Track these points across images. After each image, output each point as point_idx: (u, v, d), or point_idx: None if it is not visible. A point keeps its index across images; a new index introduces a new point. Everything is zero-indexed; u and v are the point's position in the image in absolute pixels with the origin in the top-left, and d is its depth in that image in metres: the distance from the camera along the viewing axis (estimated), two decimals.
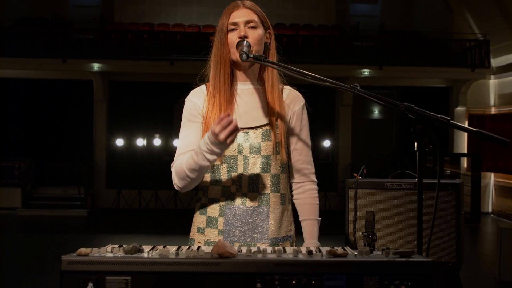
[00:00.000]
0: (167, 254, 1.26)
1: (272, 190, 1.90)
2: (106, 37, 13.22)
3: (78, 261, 1.21)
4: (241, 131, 1.88)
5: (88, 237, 9.82)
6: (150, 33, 13.55)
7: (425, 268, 1.21)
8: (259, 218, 1.88)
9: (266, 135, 1.90)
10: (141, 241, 8.49)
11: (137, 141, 13.64)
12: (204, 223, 1.93)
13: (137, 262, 1.21)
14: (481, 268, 7.26)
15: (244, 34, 1.85)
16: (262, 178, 1.88)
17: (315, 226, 1.98)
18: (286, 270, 1.21)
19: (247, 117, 1.92)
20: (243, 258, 1.23)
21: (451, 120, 1.31)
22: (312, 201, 2.01)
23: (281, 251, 1.29)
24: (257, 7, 1.95)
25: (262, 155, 1.89)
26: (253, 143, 1.89)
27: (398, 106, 1.34)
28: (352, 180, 2.64)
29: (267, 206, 1.89)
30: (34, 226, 11.10)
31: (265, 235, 1.87)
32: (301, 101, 2.01)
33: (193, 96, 2.02)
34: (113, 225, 11.53)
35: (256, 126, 1.91)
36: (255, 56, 1.73)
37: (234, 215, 1.87)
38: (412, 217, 2.63)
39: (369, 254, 1.31)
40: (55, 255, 7.07)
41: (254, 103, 1.95)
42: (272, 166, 1.90)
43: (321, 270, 1.21)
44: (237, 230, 1.87)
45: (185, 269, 1.20)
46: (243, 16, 1.89)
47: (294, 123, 1.98)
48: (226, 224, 1.88)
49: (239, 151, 1.89)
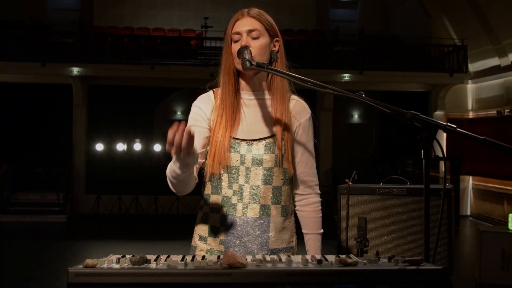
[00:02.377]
0: (175, 264, 1.25)
1: (273, 202, 1.89)
2: (86, 40, 13.08)
3: (86, 273, 1.18)
4: (244, 142, 1.88)
5: (67, 243, 9.69)
6: (130, 37, 13.46)
7: (436, 275, 1.22)
8: (259, 229, 1.87)
9: (269, 148, 1.88)
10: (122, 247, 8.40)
11: (117, 145, 13.52)
12: (206, 232, 1.93)
13: (146, 274, 1.19)
14: (461, 270, 7.35)
15: (245, 44, 1.83)
16: (263, 190, 1.87)
17: (318, 241, 2.01)
18: (297, 279, 1.20)
19: (251, 128, 1.91)
20: (254, 268, 1.22)
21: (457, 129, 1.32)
22: (316, 214, 2.02)
23: (290, 260, 1.29)
24: (262, 15, 1.91)
25: (264, 167, 1.87)
26: (255, 155, 1.88)
27: (404, 114, 1.35)
28: (344, 186, 2.65)
29: (268, 218, 1.88)
30: (12, 232, 10.90)
31: (265, 246, 1.88)
32: (307, 113, 2.00)
33: (200, 102, 1.99)
34: (93, 231, 11.39)
35: (260, 138, 1.90)
36: (258, 63, 1.71)
37: (235, 226, 1.87)
38: (404, 223, 2.65)
39: (378, 262, 1.31)
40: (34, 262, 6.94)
41: (259, 114, 1.93)
42: (274, 178, 1.89)
43: (332, 279, 1.21)
44: (238, 241, 1.87)
45: (195, 280, 1.19)
46: (246, 25, 1.87)
47: (299, 135, 1.97)
48: (227, 234, 1.87)
49: (242, 162, 1.88)
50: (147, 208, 12.81)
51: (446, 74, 13.35)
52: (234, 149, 1.88)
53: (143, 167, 13.76)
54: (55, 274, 7.09)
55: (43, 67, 12.27)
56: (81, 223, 12.17)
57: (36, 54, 12.29)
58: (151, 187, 12.91)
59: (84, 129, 13.28)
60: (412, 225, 2.62)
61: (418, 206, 2.63)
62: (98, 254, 1.92)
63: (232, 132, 1.89)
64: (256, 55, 1.83)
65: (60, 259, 8.09)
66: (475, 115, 13.75)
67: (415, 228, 2.63)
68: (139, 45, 12.99)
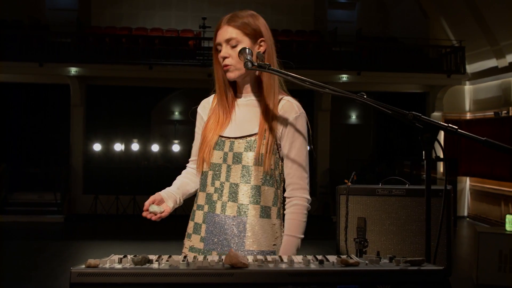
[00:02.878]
0: (177, 264, 1.25)
1: (252, 202, 1.85)
2: (84, 41, 13.07)
3: (88, 273, 1.18)
4: (228, 140, 1.91)
5: (65, 244, 9.67)
6: (128, 37, 13.45)
7: (437, 276, 1.22)
8: (237, 228, 1.85)
9: (249, 146, 1.87)
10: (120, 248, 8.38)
11: (114, 146, 13.51)
12: (192, 229, 1.95)
13: (148, 274, 1.19)
14: (459, 271, 7.36)
15: (223, 56, 1.86)
16: (241, 188, 1.86)
17: (291, 244, 1.86)
18: (299, 280, 1.20)
19: (237, 127, 1.92)
20: (256, 268, 1.23)
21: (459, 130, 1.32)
22: (295, 216, 1.88)
23: (292, 260, 1.29)
24: (239, 20, 1.88)
25: (243, 165, 1.86)
26: (236, 153, 1.88)
27: (406, 115, 1.35)
28: (343, 186, 2.66)
29: (245, 217, 1.85)
30: (9, 233, 10.88)
31: (241, 246, 1.84)
32: (294, 113, 1.90)
33: (200, 108, 2.07)
34: (90, 231, 11.38)
35: (242, 136, 1.89)
36: (260, 64, 1.71)
37: (214, 223, 1.87)
38: (403, 223, 2.66)
39: (379, 263, 1.32)
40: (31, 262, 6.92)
41: (247, 114, 1.94)
42: (253, 177, 1.85)
43: (334, 279, 1.21)
44: (216, 239, 1.87)
45: (198, 280, 1.19)
46: (223, 36, 1.87)
47: (285, 136, 1.90)
48: (207, 231, 1.88)
49: (224, 160, 1.89)
50: None
51: (444, 75, 13.38)
52: (219, 147, 1.90)
53: (141, 167, 13.75)
54: (52, 275, 7.08)
55: (41, 67, 12.26)
56: (78, 224, 12.15)
57: (34, 54, 12.28)
58: (148, 187, 12.84)
59: (81, 129, 13.27)
60: (411, 225, 2.63)
61: (417, 207, 2.64)
62: (96, 255, 1.92)
63: (220, 131, 1.92)
64: (236, 63, 1.84)
65: (58, 259, 8.08)
66: (472, 116, 13.78)
67: (414, 229, 2.64)
68: (137, 45, 12.99)
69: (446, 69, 13.53)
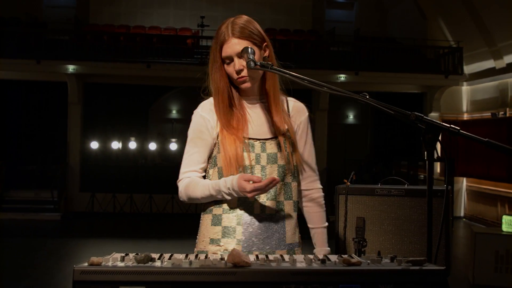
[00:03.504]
0: (180, 263, 1.25)
1: (286, 198, 1.95)
2: (82, 38, 13.04)
3: (91, 271, 1.19)
4: (258, 142, 1.93)
5: (61, 242, 9.67)
6: (126, 35, 13.43)
7: (439, 276, 1.23)
8: (276, 225, 1.91)
9: (280, 146, 1.94)
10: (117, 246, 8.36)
11: (112, 144, 13.48)
12: (220, 234, 1.91)
13: (151, 272, 1.20)
14: (455, 272, 7.38)
15: (238, 68, 1.86)
16: (278, 186, 1.92)
17: (325, 234, 2.09)
18: (302, 279, 1.21)
19: (262, 129, 1.95)
20: (259, 267, 1.23)
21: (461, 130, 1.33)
22: (320, 209, 2.11)
23: (294, 260, 1.29)
24: (245, 31, 1.89)
25: (278, 165, 1.92)
26: (270, 153, 1.93)
27: (408, 116, 1.36)
28: (342, 186, 2.67)
29: (283, 213, 1.93)
30: (5, 231, 10.85)
31: (282, 241, 1.92)
32: (305, 112, 2.09)
33: (203, 111, 1.99)
34: (87, 229, 11.36)
35: (272, 137, 1.95)
36: (262, 63, 1.73)
37: (253, 224, 1.89)
38: (401, 223, 2.67)
39: (381, 262, 1.32)
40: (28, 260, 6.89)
41: (261, 117, 1.98)
42: (287, 175, 1.95)
43: (336, 278, 1.22)
44: (256, 239, 1.88)
45: (200, 279, 1.19)
46: (234, 49, 1.86)
47: (300, 134, 2.05)
48: (244, 233, 1.88)
49: (257, 161, 1.91)
50: (142, 206, 12.79)
51: (442, 76, 13.40)
52: (248, 149, 1.91)
53: (138, 165, 13.74)
54: (49, 272, 7.08)
55: (39, 64, 12.23)
56: (75, 221, 12.13)
57: (32, 52, 12.25)
58: (146, 185, 12.89)
59: (79, 127, 13.24)
60: (409, 225, 2.64)
61: (416, 207, 2.65)
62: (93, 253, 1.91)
63: (244, 133, 1.92)
64: (251, 73, 1.87)
65: (54, 257, 8.07)
66: (469, 117, 13.81)
67: (413, 229, 2.65)
68: (135, 44, 12.96)
69: (443, 69, 13.55)
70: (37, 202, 12.48)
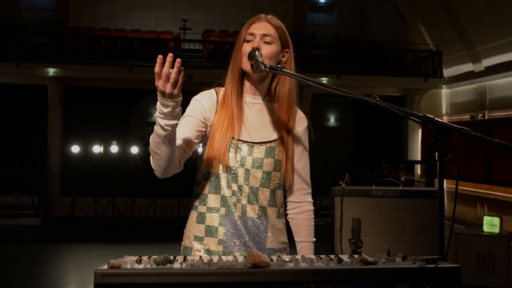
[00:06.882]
0: (199, 264, 1.26)
1: (269, 204, 1.95)
2: (62, 41, 12.91)
3: (112, 273, 1.18)
4: (246, 144, 1.91)
5: (42, 247, 9.52)
6: (108, 38, 13.34)
7: (453, 273, 1.26)
8: (258, 229, 1.92)
9: (270, 152, 1.93)
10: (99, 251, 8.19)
11: (93, 147, 13.37)
12: (203, 232, 1.93)
13: (171, 274, 1.20)
14: None
15: (256, 46, 1.87)
16: (260, 191, 1.92)
17: (311, 249, 2.05)
18: (321, 278, 1.22)
19: (253, 131, 1.94)
20: (279, 267, 1.24)
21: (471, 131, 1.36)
22: (310, 222, 2.07)
23: (312, 259, 1.31)
24: (279, 23, 1.96)
25: (263, 171, 1.92)
26: (256, 158, 1.91)
27: (419, 118, 1.39)
28: (337, 188, 2.69)
29: (266, 218, 1.93)
30: None
31: (263, 245, 1.92)
32: (305, 122, 2.08)
33: (202, 97, 1.97)
34: (68, 234, 11.23)
35: (261, 142, 1.94)
36: (272, 66, 1.74)
37: (234, 225, 1.90)
38: (397, 224, 2.70)
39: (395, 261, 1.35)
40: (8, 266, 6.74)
41: (262, 119, 1.97)
42: (272, 182, 1.94)
43: (355, 277, 1.24)
44: (238, 240, 1.89)
45: (221, 280, 1.20)
46: (261, 29, 1.91)
47: (297, 143, 2.03)
48: (226, 234, 1.89)
49: (241, 164, 1.90)
50: (124, 211, 12.68)
51: (421, 79, 13.60)
52: (235, 150, 1.90)
53: (120, 169, 13.63)
54: (31, 279, 6.97)
55: (18, 67, 12.08)
56: (56, 226, 11.97)
57: (11, 54, 12.10)
58: (127, 189, 12.79)
59: (59, 131, 13.09)
60: (405, 226, 2.68)
61: (411, 208, 2.69)
62: (74, 258, 1.89)
63: (234, 133, 1.91)
64: (264, 59, 1.85)
65: (35, 263, 7.95)
66: (449, 119, 14.01)
67: (408, 229, 2.68)
68: (117, 47, 12.89)
69: (423, 73, 13.76)
70: (16, 207, 12.30)
